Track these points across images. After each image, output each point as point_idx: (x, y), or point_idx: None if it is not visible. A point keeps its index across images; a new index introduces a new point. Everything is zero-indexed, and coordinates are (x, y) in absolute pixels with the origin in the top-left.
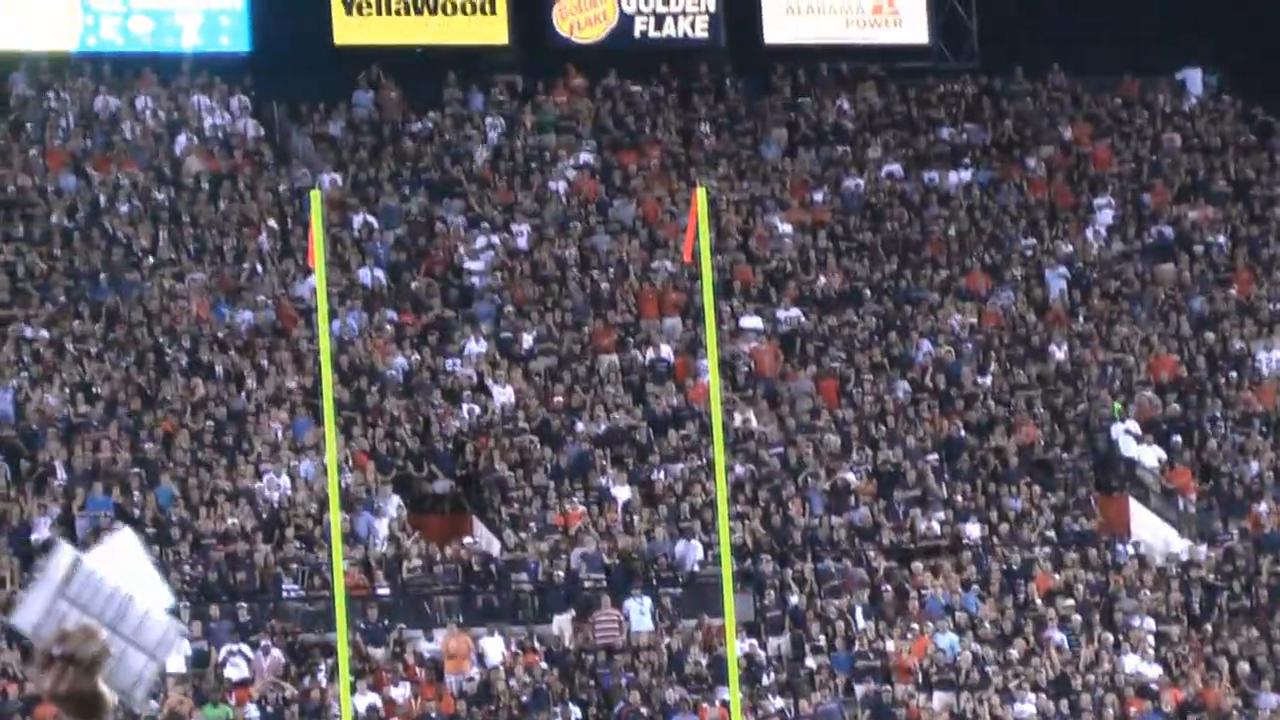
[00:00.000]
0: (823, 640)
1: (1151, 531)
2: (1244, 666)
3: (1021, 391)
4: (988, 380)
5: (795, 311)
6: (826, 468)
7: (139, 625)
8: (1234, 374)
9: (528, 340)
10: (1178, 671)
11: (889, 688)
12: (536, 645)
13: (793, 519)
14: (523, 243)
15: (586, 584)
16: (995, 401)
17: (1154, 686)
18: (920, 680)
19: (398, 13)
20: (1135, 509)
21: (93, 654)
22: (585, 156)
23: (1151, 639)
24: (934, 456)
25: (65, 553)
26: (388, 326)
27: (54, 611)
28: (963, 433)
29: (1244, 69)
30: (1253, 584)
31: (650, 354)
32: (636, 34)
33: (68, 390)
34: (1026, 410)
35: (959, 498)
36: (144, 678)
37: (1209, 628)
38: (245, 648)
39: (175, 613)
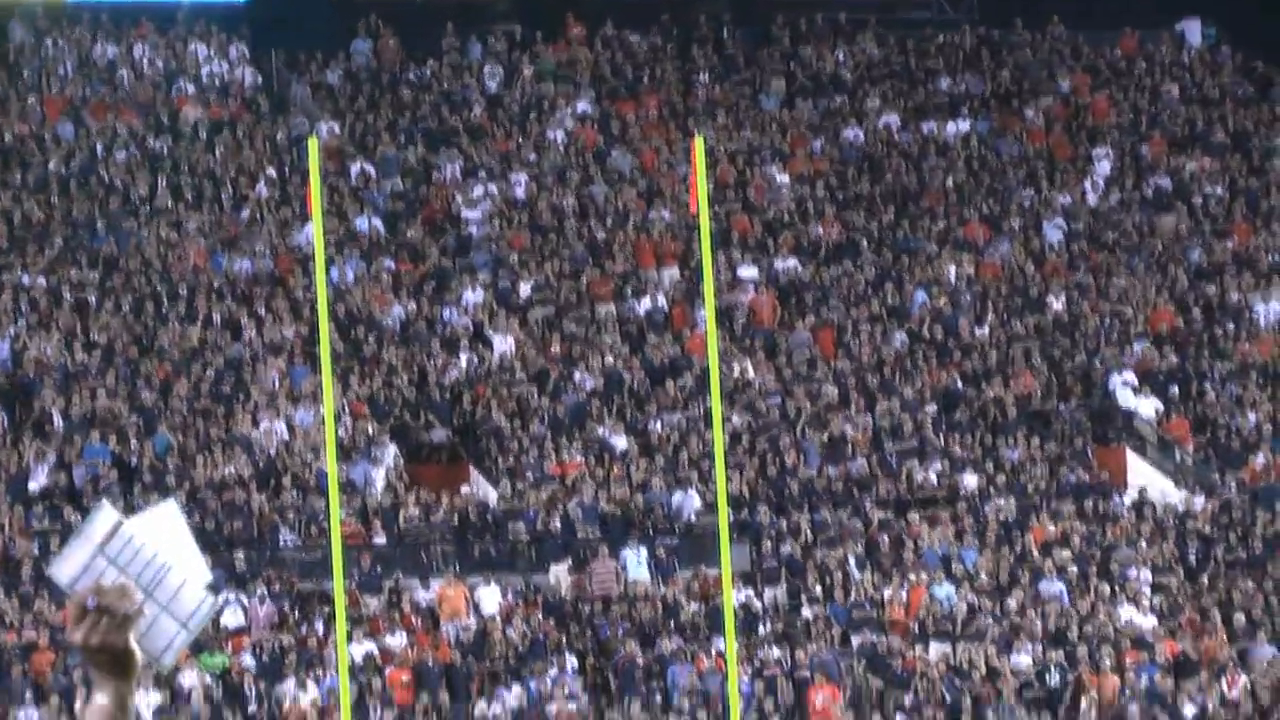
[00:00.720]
0: (819, 591)
1: (1148, 482)
2: (1240, 618)
3: (1019, 342)
4: (985, 331)
5: (793, 262)
6: (823, 418)
7: (174, 595)
8: (1232, 325)
9: (525, 290)
10: (1174, 623)
11: (885, 638)
12: (533, 595)
13: (789, 469)
14: (520, 192)
15: (583, 534)
16: (993, 352)
17: (1149, 638)
18: (916, 631)
19: None
20: (1132, 460)
21: (126, 610)
22: (583, 106)
23: (1148, 590)
24: (931, 407)
25: (107, 513)
26: (385, 275)
27: (92, 568)
28: (960, 384)
29: (1243, 21)
30: (1249, 536)
31: (647, 304)
32: None
33: (65, 338)
34: (1024, 361)
35: (956, 448)
36: (174, 645)
37: (1205, 579)
38: (242, 596)
39: (213, 589)
